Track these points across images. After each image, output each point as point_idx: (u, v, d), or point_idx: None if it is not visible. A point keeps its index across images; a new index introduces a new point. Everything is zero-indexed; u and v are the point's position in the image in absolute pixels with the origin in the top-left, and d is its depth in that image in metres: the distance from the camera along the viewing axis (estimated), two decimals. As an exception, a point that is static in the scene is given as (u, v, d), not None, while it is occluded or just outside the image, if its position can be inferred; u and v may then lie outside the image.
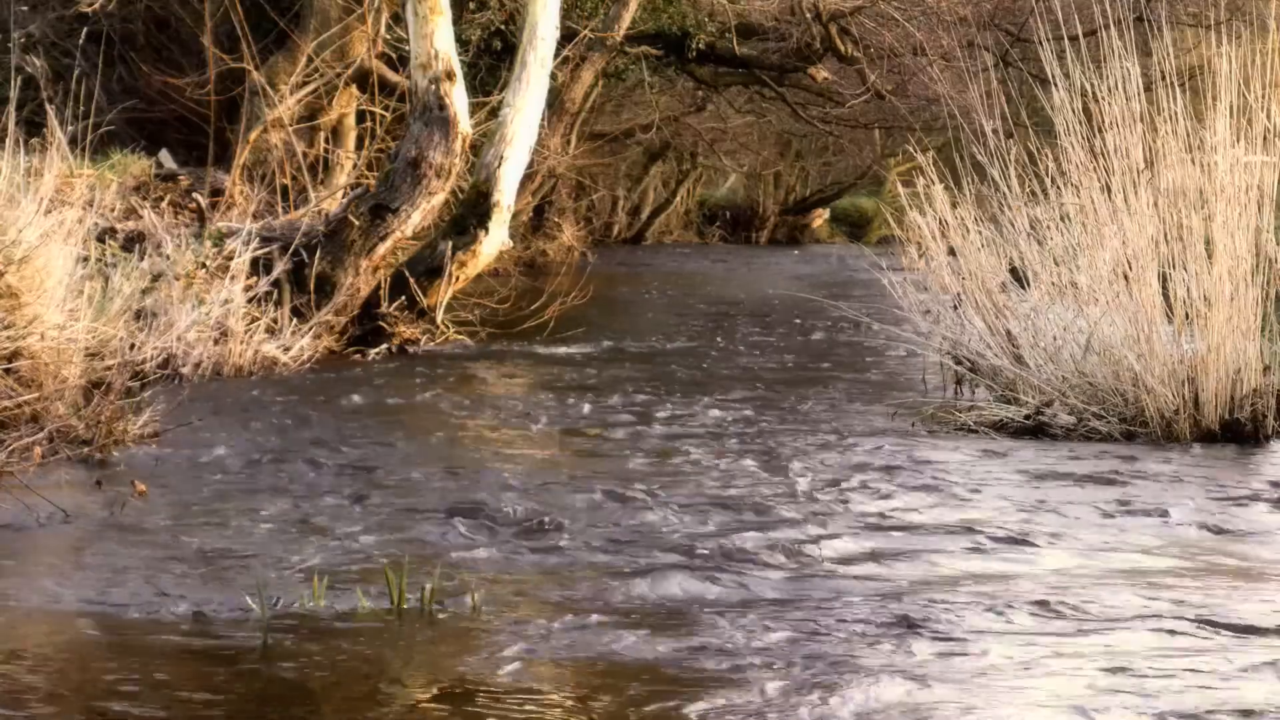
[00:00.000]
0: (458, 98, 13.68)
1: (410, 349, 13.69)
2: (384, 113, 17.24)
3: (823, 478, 8.22)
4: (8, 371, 8.51)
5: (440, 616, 5.63)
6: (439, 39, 13.68)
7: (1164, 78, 9.86)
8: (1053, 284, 10.49)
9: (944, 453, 8.98)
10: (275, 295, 12.92)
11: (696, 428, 9.87)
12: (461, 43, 16.21)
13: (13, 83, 12.61)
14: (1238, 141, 9.61)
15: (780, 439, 9.43)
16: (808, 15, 21.48)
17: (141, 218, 13.46)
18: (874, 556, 6.55)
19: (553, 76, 15.50)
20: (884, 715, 4.66)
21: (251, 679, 5.04)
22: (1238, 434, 9.25)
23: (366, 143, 17.39)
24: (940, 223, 11.07)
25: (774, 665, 5.09)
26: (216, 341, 11.90)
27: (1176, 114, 9.84)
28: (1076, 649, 5.25)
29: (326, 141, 17.66)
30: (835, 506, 7.51)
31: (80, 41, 16.87)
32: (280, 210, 14.98)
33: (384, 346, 13.60)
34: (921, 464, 8.62)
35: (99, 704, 4.77)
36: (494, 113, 15.83)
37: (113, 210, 13.65)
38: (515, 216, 15.45)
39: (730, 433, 9.69)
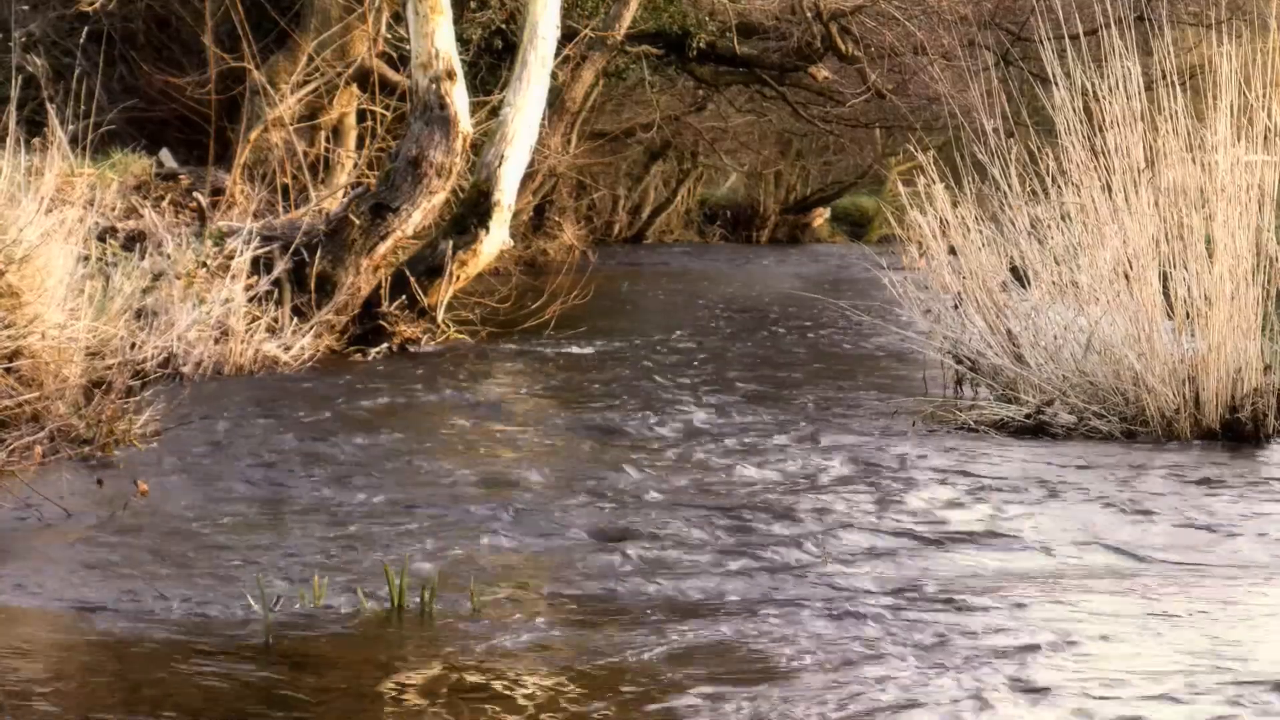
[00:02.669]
0: (458, 97, 13.68)
1: (411, 348, 13.68)
2: (384, 112, 17.24)
3: (822, 476, 8.22)
4: (8, 370, 8.51)
5: (440, 616, 5.63)
6: (439, 38, 13.68)
7: (1165, 77, 9.86)
8: (1053, 283, 10.48)
9: (944, 452, 8.98)
10: (276, 294, 12.91)
11: (696, 426, 9.86)
12: (462, 42, 16.20)
13: (13, 82, 12.60)
14: (1238, 140, 9.61)
15: (780, 438, 9.43)
16: (808, 14, 21.46)
17: (142, 217, 13.46)
18: (873, 555, 6.55)
19: (553, 76, 15.49)
20: (894, 715, 4.67)
21: (253, 679, 5.05)
22: (1238, 433, 9.25)
23: (367, 142, 17.38)
24: (941, 222, 11.06)
25: (778, 666, 5.09)
26: (217, 341, 11.90)
27: (1177, 113, 9.84)
28: (1071, 652, 5.26)
29: (327, 141, 17.65)
30: (834, 505, 7.51)
31: (81, 41, 16.87)
32: (281, 209, 14.97)
33: (385, 346, 13.59)
34: (922, 463, 8.62)
35: (99, 704, 4.77)
36: (494, 112, 15.82)
37: (113, 209, 13.64)
38: (516, 216, 15.44)
39: (731, 431, 9.69)
